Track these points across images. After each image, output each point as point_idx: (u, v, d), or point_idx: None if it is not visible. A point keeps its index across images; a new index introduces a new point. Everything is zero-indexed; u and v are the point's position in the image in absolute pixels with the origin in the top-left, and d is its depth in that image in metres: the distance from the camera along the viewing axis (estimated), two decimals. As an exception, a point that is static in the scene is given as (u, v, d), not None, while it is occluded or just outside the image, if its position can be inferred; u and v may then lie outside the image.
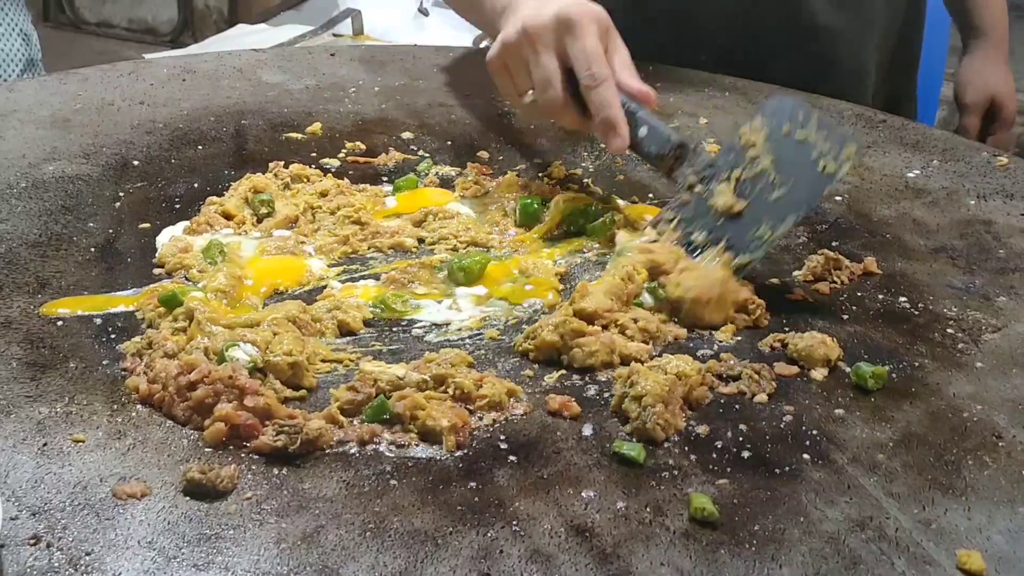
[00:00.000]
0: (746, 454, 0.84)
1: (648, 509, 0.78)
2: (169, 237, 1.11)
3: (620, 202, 1.24)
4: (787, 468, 0.83)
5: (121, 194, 1.20)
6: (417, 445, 0.84)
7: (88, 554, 0.71)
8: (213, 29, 4.99)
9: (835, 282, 1.10)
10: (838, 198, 1.27)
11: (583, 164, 1.35)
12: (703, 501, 0.78)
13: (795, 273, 1.12)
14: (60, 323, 0.96)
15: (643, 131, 1.14)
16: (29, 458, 0.79)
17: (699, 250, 1.07)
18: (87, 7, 5.49)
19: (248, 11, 4.99)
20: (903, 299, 1.07)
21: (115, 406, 0.86)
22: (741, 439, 0.86)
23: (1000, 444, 0.86)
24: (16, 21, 2.14)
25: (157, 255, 1.08)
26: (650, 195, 1.28)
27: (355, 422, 0.85)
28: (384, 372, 0.88)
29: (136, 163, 1.26)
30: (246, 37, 2.85)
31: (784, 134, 1.08)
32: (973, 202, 1.27)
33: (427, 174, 1.28)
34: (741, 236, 1.06)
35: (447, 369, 0.89)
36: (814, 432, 0.87)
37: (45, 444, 0.81)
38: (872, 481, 0.81)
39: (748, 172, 1.08)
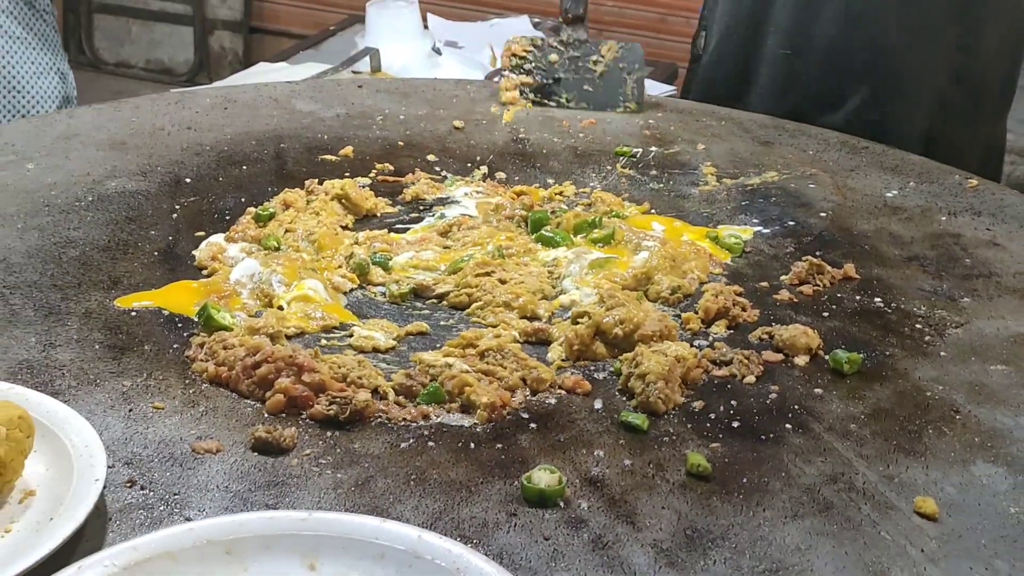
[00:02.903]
0: (736, 424, 0.97)
1: (651, 465, 0.91)
2: (206, 243, 1.24)
3: (625, 212, 1.37)
4: (771, 435, 0.96)
5: (177, 207, 1.33)
6: (455, 415, 0.96)
7: (176, 495, 0.84)
8: (229, 70, 5.15)
9: (818, 285, 1.23)
10: (822, 214, 1.41)
11: (591, 183, 1.49)
12: (698, 459, 0.90)
13: (782, 277, 1.25)
14: (133, 314, 1.09)
15: None
16: (118, 421, 0.92)
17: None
18: (106, 48, 5.67)
19: (262, 54, 5.17)
20: (878, 300, 1.20)
21: (187, 381, 0.99)
22: (732, 412, 0.99)
23: (957, 417, 0.99)
24: (53, 61, 2.29)
25: (197, 259, 1.21)
26: (653, 210, 1.41)
27: (410, 405, 0.98)
28: (438, 360, 1.01)
29: (188, 180, 1.40)
30: (267, 75, 2.99)
31: (620, 67, 1.70)
32: (945, 218, 1.40)
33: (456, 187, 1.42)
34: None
35: (494, 360, 1.02)
36: (796, 407, 1.00)
37: (131, 410, 0.94)
38: (845, 445, 0.94)
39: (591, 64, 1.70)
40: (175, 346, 1.05)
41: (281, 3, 5.33)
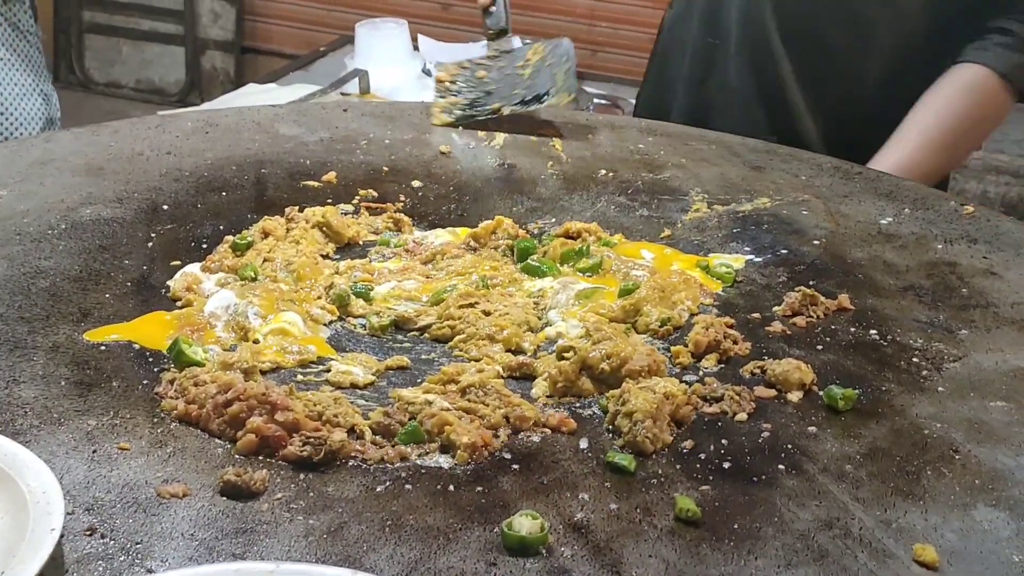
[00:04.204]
0: (727, 464, 0.93)
1: (638, 510, 0.87)
2: (181, 274, 1.21)
3: (613, 239, 1.34)
4: (763, 476, 0.92)
5: (153, 235, 1.29)
6: (433, 455, 0.92)
7: (138, 544, 0.80)
8: (220, 90, 5.13)
9: (811, 316, 1.19)
10: (816, 242, 1.37)
11: (579, 211, 1.45)
12: (687, 503, 0.86)
13: (775, 308, 1.21)
14: (103, 347, 1.05)
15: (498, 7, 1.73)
16: (80, 463, 0.88)
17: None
18: (96, 68, 5.65)
19: (254, 73, 5.15)
20: (873, 332, 1.17)
21: (155, 420, 0.95)
22: (723, 452, 0.95)
23: (956, 457, 0.95)
24: (37, 83, 2.26)
25: (171, 290, 1.18)
26: (639, 237, 1.38)
27: (387, 445, 0.94)
28: (417, 398, 0.97)
29: (165, 207, 1.36)
30: (256, 96, 2.97)
31: (547, 64, 1.69)
32: (940, 246, 1.37)
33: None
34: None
35: (475, 397, 0.99)
36: (789, 446, 0.96)
37: (95, 451, 0.90)
38: (840, 488, 0.90)
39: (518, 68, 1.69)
40: (145, 382, 1.01)
41: (273, 23, 5.32)
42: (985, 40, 1.67)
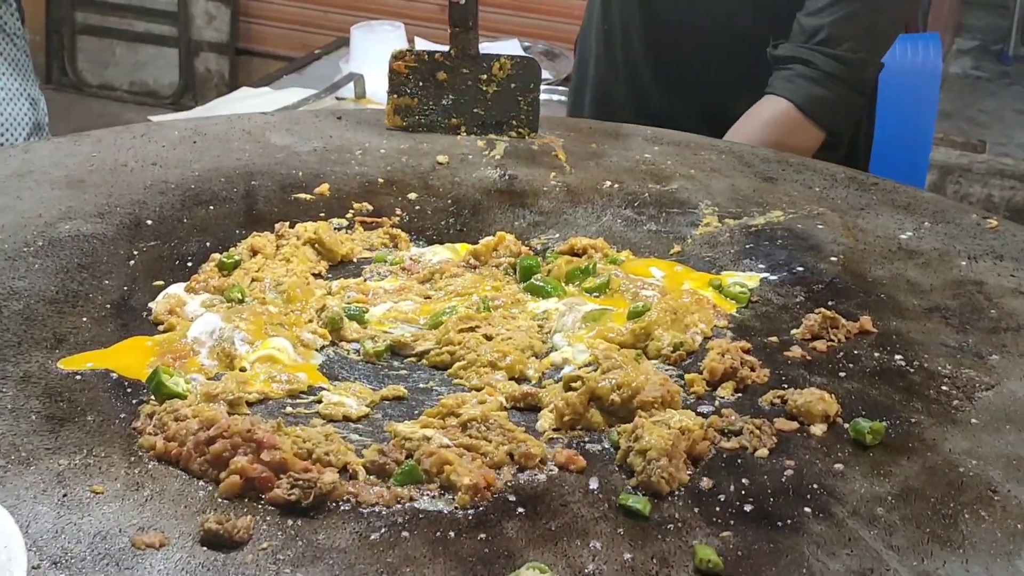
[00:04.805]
0: (748, 507, 0.87)
1: (654, 560, 0.80)
2: (163, 295, 1.14)
3: (621, 257, 1.27)
4: (789, 521, 0.85)
5: (135, 252, 1.23)
6: (434, 496, 0.86)
7: (109, 602, 0.73)
8: (214, 93, 5.07)
9: (832, 340, 1.12)
10: (833, 258, 1.31)
11: (584, 225, 1.39)
12: (708, 553, 0.80)
13: (793, 332, 1.14)
14: (78, 377, 0.99)
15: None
16: (49, 508, 0.81)
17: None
18: (89, 70, 5.58)
19: (249, 76, 5.08)
20: (899, 357, 1.10)
21: (132, 458, 0.88)
22: (744, 492, 0.88)
23: (995, 498, 0.89)
24: (24, 87, 2.19)
25: (153, 313, 1.11)
26: (648, 254, 1.31)
27: (382, 486, 0.87)
28: (415, 433, 0.90)
29: (149, 222, 1.30)
30: (249, 100, 2.89)
31: (513, 86, 1.58)
32: (965, 263, 1.30)
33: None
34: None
35: (477, 432, 0.92)
36: (815, 486, 0.89)
37: (65, 495, 0.83)
38: (872, 534, 0.84)
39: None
40: (122, 416, 0.94)
41: (268, 24, 5.25)
42: (791, 70, 1.69)
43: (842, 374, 1.07)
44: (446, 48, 1.61)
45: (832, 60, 1.67)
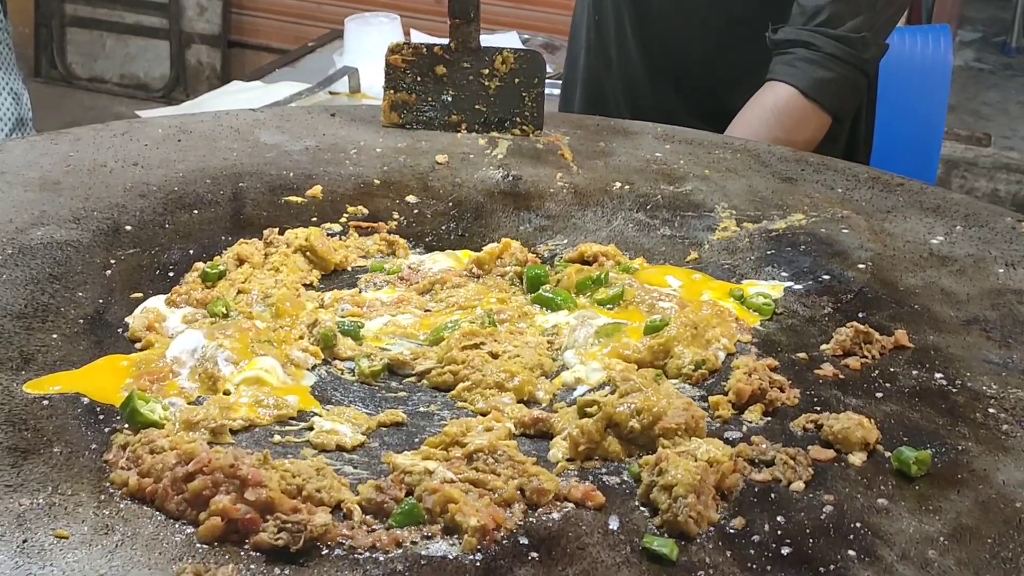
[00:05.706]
0: (786, 550, 0.78)
1: (685, 614, 0.71)
2: (141, 309, 1.05)
3: (634, 264, 1.19)
4: (832, 567, 0.77)
5: (112, 261, 1.14)
6: (437, 539, 0.77)
7: (70, 671, 0.64)
8: (206, 86, 4.98)
9: (866, 357, 1.04)
10: (861, 265, 1.22)
11: (594, 230, 1.30)
12: (745, 605, 0.71)
13: (823, 347, 1.06)
14: (45, 402, 0.90)
15: None
16: (7, 557, 0.73)
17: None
18: (79, 63, 5.48)
19: (241, 68, 4.99)
20: (939, 375, 1.02)
21: (102, 497, 0.80)
22: (780, 532, 0.80)
23: (1058, 538, 0.80)
24: (6, 81, 2.11)
25: (129, 329, 1.02)
26: (662, 261, 1.23)
27: (380, 527, 0.78)
28: (415, 466, 0.82)
29: (128, 228, 1.21)
30: (241, 94, 2.80)
31: (516, 81, 1.49)
32: (1002, 270, 1.22)
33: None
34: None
35: (484, 464, 0.83)
36: (857, 525, 0.81)
37: (25, 541, 0.74)
38: (925, 581, 0.75)
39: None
40: (92, 447, 0.85)
41: (260, 16, 5.15)
42: (792, 54, 1.62)
43: (879, 395, 0.98)
44: (445, 41, 1.52)
45: (835, 41, 1.60)
